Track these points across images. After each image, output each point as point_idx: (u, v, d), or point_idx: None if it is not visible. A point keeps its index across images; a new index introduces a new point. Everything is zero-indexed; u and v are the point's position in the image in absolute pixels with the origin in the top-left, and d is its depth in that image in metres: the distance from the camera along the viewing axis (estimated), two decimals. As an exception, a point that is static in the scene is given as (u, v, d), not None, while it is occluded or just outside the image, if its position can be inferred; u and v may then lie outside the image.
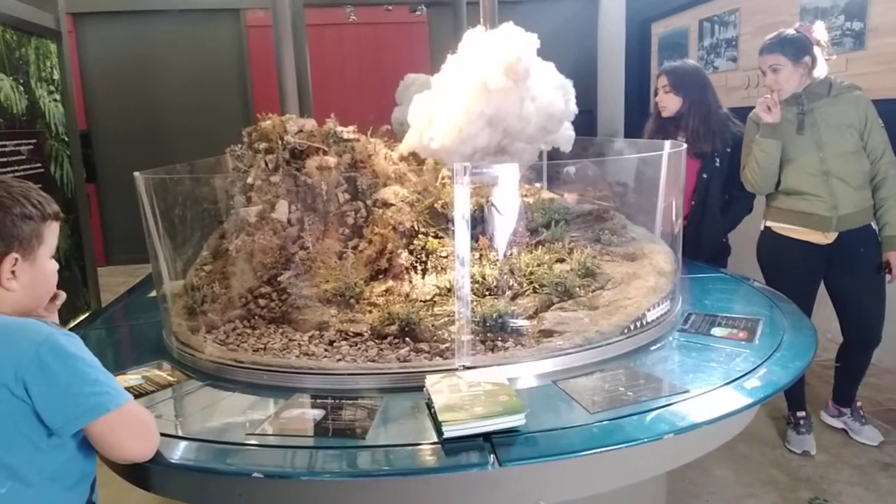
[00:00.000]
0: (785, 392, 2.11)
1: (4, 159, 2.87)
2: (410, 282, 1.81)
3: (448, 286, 1.74)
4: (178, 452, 1.26)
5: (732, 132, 2.83)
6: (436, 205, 1.99)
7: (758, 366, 1.56)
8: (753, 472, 2.60)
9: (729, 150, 2.81)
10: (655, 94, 2.97)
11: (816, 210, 2.54)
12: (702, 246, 2.83)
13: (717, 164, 2.82)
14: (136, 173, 1.84)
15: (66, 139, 3.42)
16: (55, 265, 1.27)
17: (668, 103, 2.87)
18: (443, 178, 2.15)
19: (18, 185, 1.21)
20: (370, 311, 1.72)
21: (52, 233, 1.24)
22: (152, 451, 1.22)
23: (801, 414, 2.77)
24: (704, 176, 2.84)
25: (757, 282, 2.38)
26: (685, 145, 2.04)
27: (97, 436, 1.15)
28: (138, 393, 1.54)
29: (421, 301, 1.74)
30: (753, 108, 2.68)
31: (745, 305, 2.04)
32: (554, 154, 2.20)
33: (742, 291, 2.23)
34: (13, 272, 1.17)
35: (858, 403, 2.84)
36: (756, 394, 1.44)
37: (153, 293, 2.38)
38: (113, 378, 1.18)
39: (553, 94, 1.97)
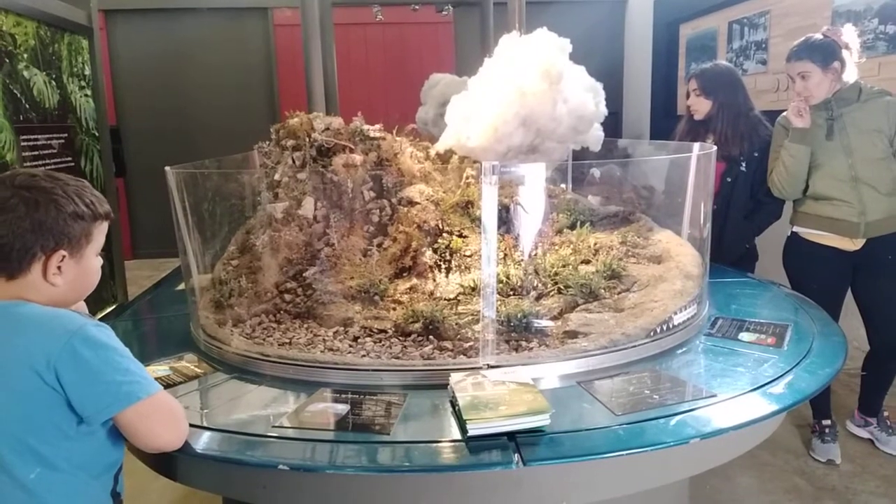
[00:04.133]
0: (810, 400, 2.08)
1: (36, 153, 2.92)
2: (434, 280, 1.82)
3: (472, 285, 1.74)
4: (204, 443, 1.28)
5: (762, 136, 2.79)
6: (460, 204, 2.00)
7: (786, 372, 1.54)
8: (777, 480, 2.57)
9: (757, 153, 2.77)
10: (688, 97, 2.94)
11: (844, 216, 2.50)
12: (723, 251, 2.79)
13: (743, 169, 2.78)
14: (168, 168, 1.87)
15: (97, 134, 3.48)
16: (99, 263, 1.28)
17: (699, 106, 2.85)
18: (467, 178, 2.15)
19: (74, 184, 1.23)
20: (394, 309, 1.73)
21: (100, 232, 1.26)
22: (181, 440, 1.23)
23: (826, 422, 2.73)
24: (728, 180, 2.81)
25: (785, 287, 2.35)
26: (714, 147, 2.02)
27: (128, 424, 1.17)
28: (166, 384, 1.56)
29: (445, 300, 1.74)
30: (783, 111, 2.64)
31: (773, 311, 2.01)
32: (579, 155, 2.20)
33: (770, 297, 2.20)
34: (59, 268, 1.19)
35: (885, 413, 2.79)
36: (784, 400, 1.42)
37: (180, 286, 2.41)
38: (143, 368, 1.20)
39: (584, 95, 1.99)
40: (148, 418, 1.17)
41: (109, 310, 3.09)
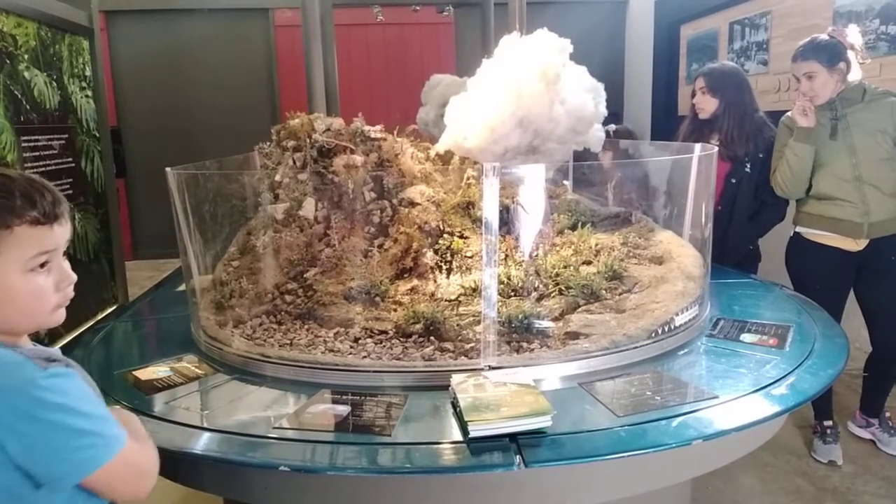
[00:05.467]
0: (812, 401, 2.08)
1: (37, 153, 2.92)
2: (435, 281, 1.82)
3: (473, 286, 1.74)
4: (205, 444, 1.28)
5: (767, 137, 2.78)
6: (461, 205, 1.99)
7: (788, 373, 1.54)
8: (778, 481, 2.56)
9: (762, 155, 2.76)
10: (693, 96, 2.94)
11: (848, 216, 2.49)
12: (727, 252, 2.78)
13: (748, 170, 2.78)
14: (168, 168, 1.87)
15: (97, 135, 3.48)
16: (33, 280, 1.00)
17: (705, 105, 2.84)
18: (468, 179, 2.15)
19: (3, 177, 1.00)
20: (395, 310, 1.73)
21: (14, 244, 0.97)
22: (147, 490, 1.07)
23: (827, 423, 2.72)
24: (733, 181, 2.80)
25: (787, 289, 2.34)
26: (716, 148, 2.01)
27: (89, 486, 0.99)
28: (167, 385, 1.56)
29: (446, 301, 1.74)
30: (784, 112, 2.63)
31: (775, 312, 2.01)
32: (580, 156, 2.19)
33: (772, 298, 2.19)
34: None
35: (887, 414, 2.78)
36: (786, 401, 1.42)
37: (181, 287, 2.41)
38: (104, 419, 1.00)
39: (584, 96, 1.98)
40: (111, 480, 1.00)
41: (110, 311, 3.09)
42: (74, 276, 1.05)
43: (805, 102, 2.50)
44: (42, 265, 1.00)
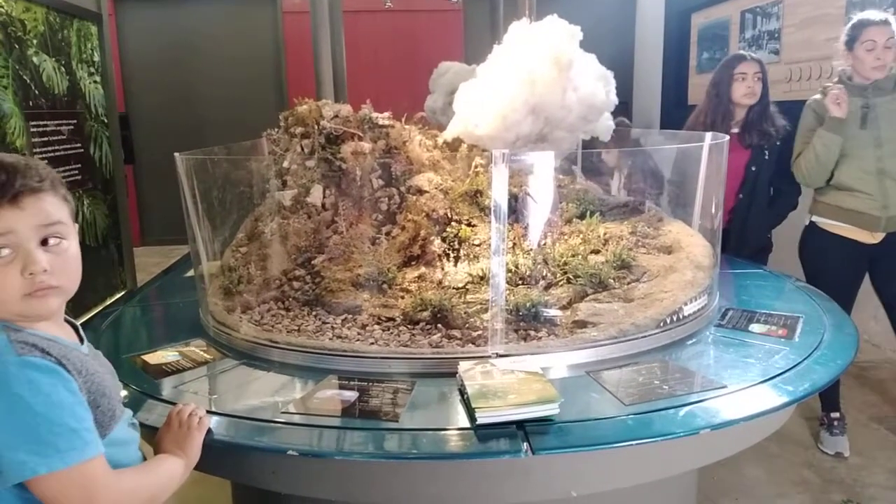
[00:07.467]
0: (819, 392, 2.07)
1: (46, 139, 2.92)
2: (443, 269, 1.81)
3: (481, 274, 1.74)
4: (215, 429, 1.28)
5: (780, 125, 2.78)
6: (469, 193, 1.99)
7: (797, 364, 1.53)
8: (785, 473, 2.56)
9: (778, 143, 2.77)
10: (731, 81, 2.83)
11: (866, 209, 2.47)
12: (746, 241, 2.79)
13: (767, 157, 2.77)
14: (177, 154, 1.87)
15: (106, 121, 3.48)
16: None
17: (759, 90, 2.81)
18: (476, 167, 2.14)
19: None
20: (402, 297, 1.73)
21: None
22: None
23: (834, 415, 2.72)
24: (753, 169, 2.79)
25: (798, 280, 2.33)
26: (727, 137, 1.99)
27: (34, 493, 0.92)
28: (176, 369, 1.57)
29: (453, 288, 1.74)
30: (795, 101, 2.61)
31: (784, 303, 2.00)
32: (588, 144, 2.18)
33: (782, 288, 2.18)
34: None
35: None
36: (794, 392, 1.41)
37: (189, 273, 2.42)
38: (61, 426, 0.91)
39: (594, 84, 1.97)
40: (49, 499, 0.92)
41: (118, 296, 3.10)
42: (40, 262, 0.95)
43: (840, 91, 2.45)
44: None
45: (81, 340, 1.11)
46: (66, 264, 1.01)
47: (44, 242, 0.98)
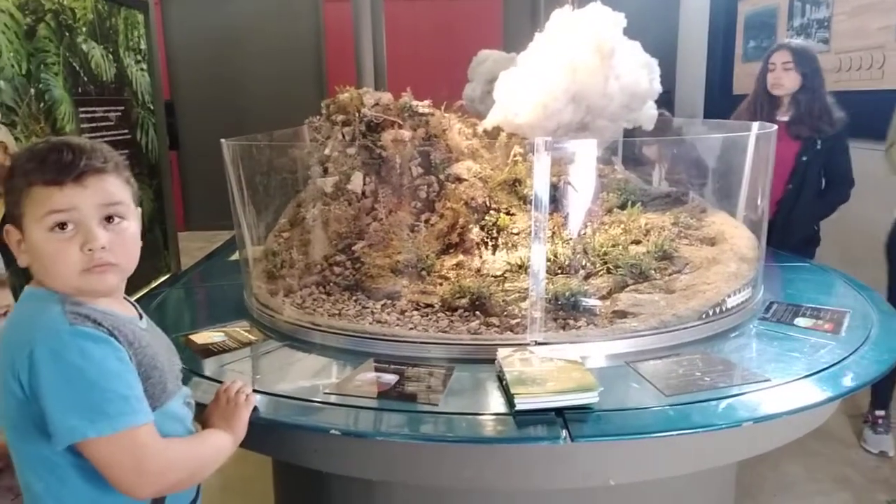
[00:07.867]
0: (872, 388, 2.01)
1: (94, 125, 3.00)
2: (481, 257, 1.82)
3: (519, 263, 1.74)
4: (258, 407, 1.31)
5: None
6: (508, 181, 1.98)
7: (843, 359, 1.50)
8: (825, 470, 2.51)
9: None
10: (766, 71, 2.82)
11: None
12: (793, 232, 2.75)
13: (819, 148, 2.72)
14: (223, 140, 1.91)
15: (152, 107, 3.56)
16: (52, 239, 0.98)
17: (787, 81, 2.76)
18: (515, 156, 2.13)
19: (42, 142, 1.03)
20: (441, 284, 1.74)
21: (31, 202, 0.98)
22: (144, 491, 0.99)
23: (880, 413, 2.65)
24: (804, 159, 2.74)
25: (843, 273, 2.27)
26: (775, 127, 1.95)
27: (86, 456, 0.97)
28: (221, 349, 1.61)
29: (492, 276, 1.74)
30: (844, 92, 2.54)
31: (831, 297, 1.95)
32: (629, 133, 2.15)
33: (829, 283, 2.13)
34: (19, 243, 1.01)
35: None
36: (840, 387, 1.38)
37: (232, 257, 2.47)
38: (109, 392, 0.95)
39: (638, 72, 1.94)
40: (99, 462, 0.96)
41: (163, 279, 3.19)
42: (100, 239, 0.99)
43: None
44: (62, 226, 0.98)
45: (140, 317, 1.14)
46: (125, 243, 1.04)
47: (107, 220, 1.02)
